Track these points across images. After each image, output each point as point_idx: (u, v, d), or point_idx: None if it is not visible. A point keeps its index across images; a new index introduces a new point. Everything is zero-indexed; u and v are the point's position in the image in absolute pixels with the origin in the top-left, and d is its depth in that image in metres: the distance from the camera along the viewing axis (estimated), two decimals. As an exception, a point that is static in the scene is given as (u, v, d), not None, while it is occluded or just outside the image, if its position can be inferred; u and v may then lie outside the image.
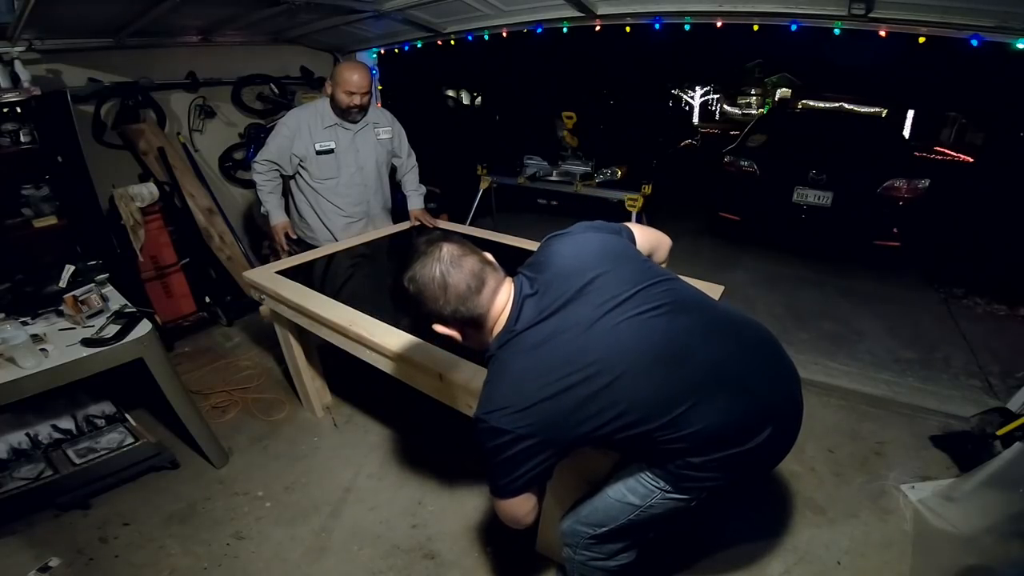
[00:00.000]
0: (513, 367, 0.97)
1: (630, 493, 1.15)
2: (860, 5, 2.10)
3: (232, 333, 3.24)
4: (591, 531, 1.25)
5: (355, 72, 2.23)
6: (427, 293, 0.97)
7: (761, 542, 1.83)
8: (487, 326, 1.03)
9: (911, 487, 2.02)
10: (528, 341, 0.97)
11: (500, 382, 0.97)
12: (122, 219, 2.80)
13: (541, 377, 0.93)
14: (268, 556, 1.76)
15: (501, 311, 1.02)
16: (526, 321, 0.98)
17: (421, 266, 0.98)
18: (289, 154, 2.35)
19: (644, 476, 1.13)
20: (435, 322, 1.02)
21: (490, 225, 4.34)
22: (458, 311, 0.98)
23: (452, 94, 11.73)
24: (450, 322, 1.01)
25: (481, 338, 1.05)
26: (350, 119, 2.36)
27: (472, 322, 1.01)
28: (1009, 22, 1.98)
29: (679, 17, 2.61)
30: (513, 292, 1.03)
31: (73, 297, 1.78)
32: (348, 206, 2.51)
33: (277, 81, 3.81)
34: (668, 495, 1.11)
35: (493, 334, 1.03)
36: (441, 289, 0.97)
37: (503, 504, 1.03)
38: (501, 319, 1.02)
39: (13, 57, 2.37)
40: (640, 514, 1.15)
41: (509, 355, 0.98)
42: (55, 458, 1.94)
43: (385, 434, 2.34)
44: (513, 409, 0.93)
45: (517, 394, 0.94)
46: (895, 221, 4.18)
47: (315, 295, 1.90)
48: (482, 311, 1.00)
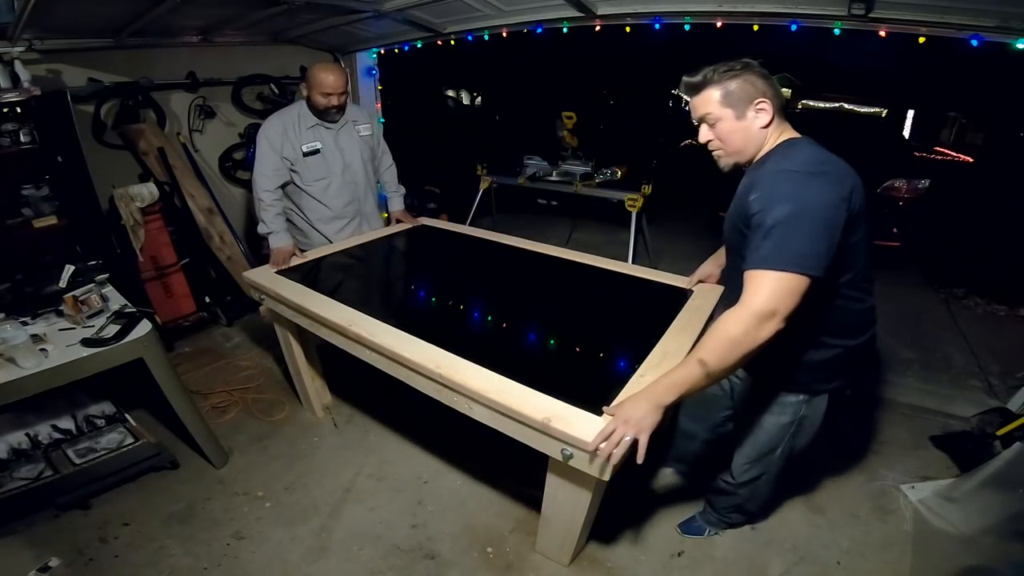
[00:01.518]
0: (815, 154, 1.16)
1: (781, 416, 1.38)
2: (860, 5, 2.10)
3: (232, 333, 3.24)
4: (757, 457, 1.50)
5: (330, 73, 2.22)
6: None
7: (761, 542, 1.83)
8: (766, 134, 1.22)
9: (911, 487, 2.03)
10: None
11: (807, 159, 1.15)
12: (122, 219, 2.80)
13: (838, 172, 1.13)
14: (268, 556, 1.76)
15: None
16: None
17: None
18: (281, 160, 2.29)
19: (785, 398, 1.36)
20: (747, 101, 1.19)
21: (490, 225, 4.34)
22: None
23: (452, 94, 11.71)
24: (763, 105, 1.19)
25: (748, 138, 1.23)
26: (329, 119, 2.34)
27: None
28: (1009, 22, 1.97)
29: (679, 17, 2.61)
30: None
31: (73, 297, 1.78)
32: (340, 207, 2.48)
33: (277, 81, 3.81)
34: (806, 403, 1.36)
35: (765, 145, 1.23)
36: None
37: (790, 283, 1.04)
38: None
39: (13, 57, 2.37)
40: (793, 428, 1.40)
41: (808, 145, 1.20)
42: (55, 458, 1.94)
43: (385, 434, 2.34)
44: (830, 179, 1.10)
45: (834, 174, 1.12)
46: (895, 221, 4.18)
47: (315, 295, 1.90)
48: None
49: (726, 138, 1.23)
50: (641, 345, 1.57)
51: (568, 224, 5.02)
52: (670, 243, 4.91)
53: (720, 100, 1.20)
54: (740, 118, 1.20)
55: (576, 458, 1.24)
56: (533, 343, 1.74)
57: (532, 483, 1.76)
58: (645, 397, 1.13)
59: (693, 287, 1.91)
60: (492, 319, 1.90)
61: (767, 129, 1.21)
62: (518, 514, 1.92)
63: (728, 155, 1.27)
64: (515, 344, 1.74)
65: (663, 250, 4.70)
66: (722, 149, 1.27)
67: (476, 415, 1.43)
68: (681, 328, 1.69)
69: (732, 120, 1.21)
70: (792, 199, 1.07)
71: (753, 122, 1.20)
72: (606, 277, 2.18)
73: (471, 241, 2.60)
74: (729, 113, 1.20)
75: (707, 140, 1.27)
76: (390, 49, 4.01)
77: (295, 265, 2.20)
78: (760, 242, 1.08)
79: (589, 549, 1.78)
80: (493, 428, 1.40)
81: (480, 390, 1.36)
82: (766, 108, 1.19)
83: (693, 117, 1.27)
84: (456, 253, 2.56)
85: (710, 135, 1.26)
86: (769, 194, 1.11)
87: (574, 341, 1.73)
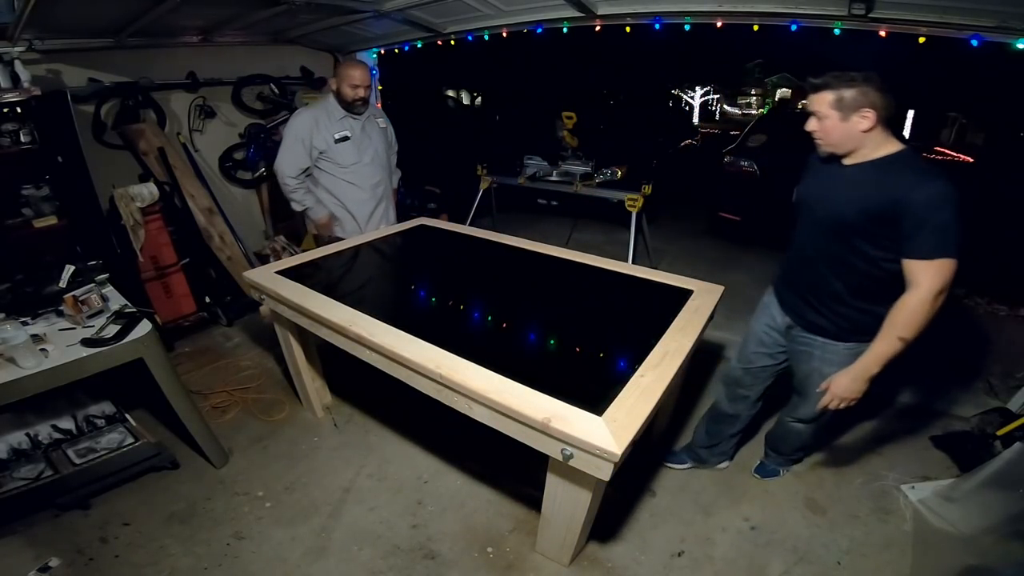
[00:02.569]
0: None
1: (849, 359, 1.53)
2: (860, 5, 2.10)
3: (232, 333, 3.24)
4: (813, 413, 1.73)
5: (357, 68, 2.51)
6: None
7: (761, 542, 1.83)
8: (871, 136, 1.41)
9: (911, 487, 2.02)
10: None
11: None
12: (122, 219, 2.80)
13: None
14: (268, 556, 1.76)
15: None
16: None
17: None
18: (311, 149, 2.53)
19: (860, 347, 1.50)
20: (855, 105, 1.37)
21: (490, 225, 4.34)
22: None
23: (452, 94, 11.73)
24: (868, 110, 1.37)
25: (848, 137, 1.42)
26: (355, 111, 2.60)
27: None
28: (1009, 22, 1.98)
29: (679, 17, 2.61)
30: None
31: (73, 297, 1.78)
32: (370, 188, 2.74)
33: (277, 81, 3.81)
34: (852, 350, 1.55)
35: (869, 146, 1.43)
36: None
37: (952, 266, 1.31)
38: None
39: (13, 57, 2.37)
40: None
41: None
42: (55, 458, 1.94)
43: (385, 434, 2.34)
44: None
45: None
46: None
47: (315, 295, 1.90)
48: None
49: (827, 132, 1.45)
50: (641, 345, 1.57)
51: (568, 224, 5.01)
52: (670, 243, 4.91)
53: (831, 102, 1.40)
54: (844, 120, 1.40)
55: (576, 458, 1.24)
56: (533, 343, 1.73)
57: (532, 483, 1.76)
58: (855, 374, 1.48)
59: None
60: (492, 319, 1.90)
61: (867, 133, 1.40)
62: (518, 514, 1.92)
63: (827, 145, 1.48)
64: (515, 344, 1.74)
65: (663, 250, 4.70)
66: (823, 140, 1.48)
67: (476, 415, 1.43)
68: (681, 328, 1.69)
69: (836, 120, 1.41)
70: (950, 201, 1.31)
71: (855, 125, 1.40)
72: (606, 277, 2.18)
73: (471, 241, 2.60)
74: (836, 115, 1.41)
75: (812, 130, 1.48)
76: (390, 49, 4.02)
77: (295, 265, 2.20)
78: (927, 236, 1.32)
79: (589, 549, 1.78)
80: (493, 428, 1.40)
81: (480, 390, 1.36)
82: (869, 117, 1.37)
83: (808, 108, 1.48)
84: (456, 253, 2.56)
85: (816, 126, 1.47)
86: (927, 197, 1.32)
87: (574, 341, 1.73)
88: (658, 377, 1.42)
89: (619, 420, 1.25)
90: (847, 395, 1.50)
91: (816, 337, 1.63)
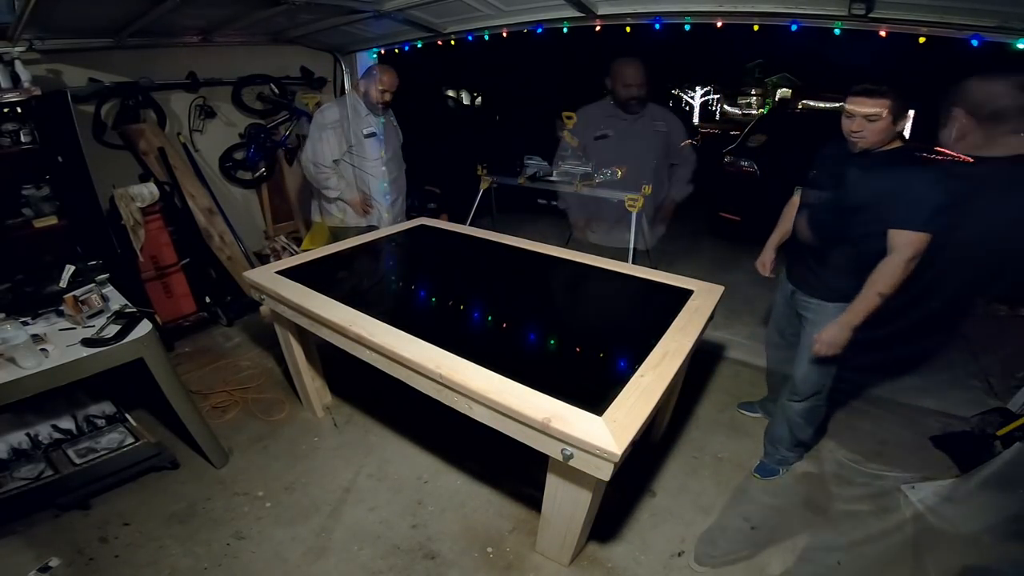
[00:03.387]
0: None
1: (819, 328, 1.79)
2: (860, 5, 2.10)
3: (232, 333, 3.24)
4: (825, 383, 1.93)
5: (386, 73, 2.85)
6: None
7: (761, 542, 1.83)
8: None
9: (911, 487, 2.02)
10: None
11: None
12: (122, 219, 2.80)
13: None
14: (268, 556, 1.76)
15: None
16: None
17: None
18: (348, 136, 2.82)
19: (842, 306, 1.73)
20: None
21: (490, 225, 4.33)
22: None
23: (452, 94, 11.73)
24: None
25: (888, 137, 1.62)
26: (377, 113, 2.90)
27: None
28: (1009, 22, 1.98)
29: (679, 17, 2.61)
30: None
31: (73, 297, 1.78)
32: (392, 181, 3.04)
33: (277, 81, 3.81)
34: (840, 307, 1.75)
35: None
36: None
37: (926, 239, 1.54)
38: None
39: (13, 57, 2.37)
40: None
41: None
42: (55, 458, 1.94)
43: (385, 434, 2.34)
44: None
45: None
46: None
47: (315, 295, 1.90)
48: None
49: (877, 132, 1.60)
50: (641, 345, 1.57)
51: (567, 223, 5.01)
52: (670, 243, 4.90)
53: (890, 108, 1.56)
54: (895, 124, 1.59)
55: (576, 458, 1.24)
56: (533, 343, 1.73)
57: (532, 483, 1.76)
58: (841, 324, 1.72)
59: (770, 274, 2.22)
60: (492, 319, 1.90)
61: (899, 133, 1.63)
62: (518, 514, 1.92)
63: (867, 142, 1.63)
64: (515, 344, 1.74)
65: (663, 250, 4.69)
66: (867, 137, 1.62)
67: (476, 415, 1.43)
68: (681, 328, 1.69)
69: (889, 122, 1.58)
70: (935, 187, 1.55)
71: (899, 126, 1.60)
72: (606, 277, 2.18)
73: (471, 241, 2.60)
74: (890, 118, 1.57)
75: (858, 128, 1.62)
76: (390, 49, 4.01)
77: (295, 265, 2.20)
78: (911, 211, 1.54)
79: (589, 549, 1.78)
80: (493, 428, 1.40)
81: (480, 390, 1.36)
82: (909, 118, 1.58)
83: (855, 109, 1.60)
84: (456, 253, 2.56)
85: (863, 126, 1.60)
86: (918, 181, 1.57)
87: (574, 341, 1.73)
88: (658, 377, 1.43)
89: (619, 420, 1.25)
90: (834, 341, 1.74)
91: (812, 299, 1.89)
